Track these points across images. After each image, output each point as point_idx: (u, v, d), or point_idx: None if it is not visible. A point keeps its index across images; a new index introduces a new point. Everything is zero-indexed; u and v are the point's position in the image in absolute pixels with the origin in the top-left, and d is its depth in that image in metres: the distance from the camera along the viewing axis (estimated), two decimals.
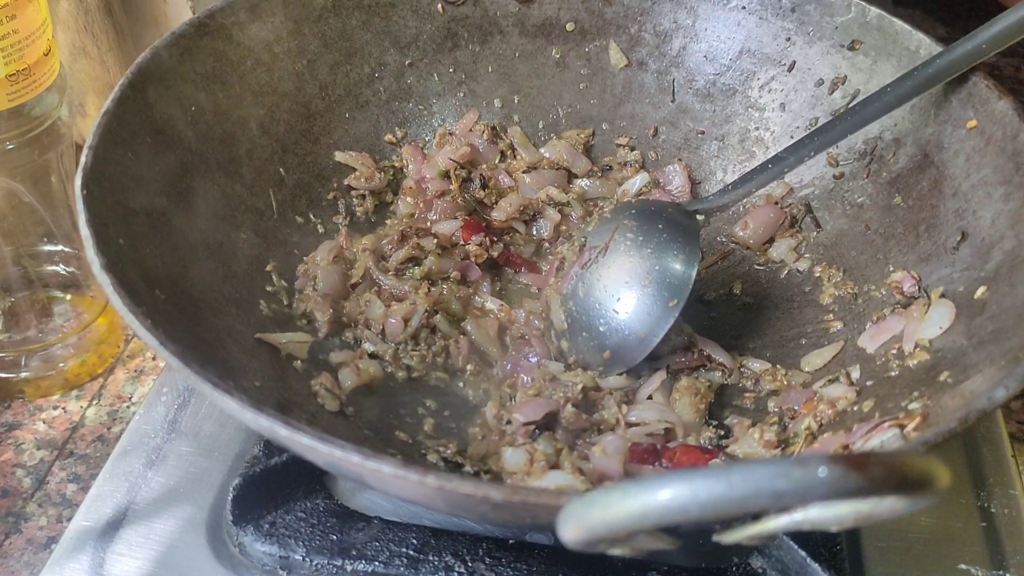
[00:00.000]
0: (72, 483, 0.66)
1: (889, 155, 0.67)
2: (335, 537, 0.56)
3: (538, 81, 0.77)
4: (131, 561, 0.56)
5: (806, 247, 0.71)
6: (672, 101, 0.76)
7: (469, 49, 0.76)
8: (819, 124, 0.71)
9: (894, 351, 0.60)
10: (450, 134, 0.75)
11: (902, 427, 0.51)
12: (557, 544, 0.55)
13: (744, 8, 0.73)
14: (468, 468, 0.57)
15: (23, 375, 0.71)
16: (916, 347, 0.58)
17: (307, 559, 0.55)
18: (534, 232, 0.74)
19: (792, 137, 0.72)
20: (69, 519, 0.59)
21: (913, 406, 0.53)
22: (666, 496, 0.33)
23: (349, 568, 0.55)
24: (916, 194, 0.65)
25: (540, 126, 0.78)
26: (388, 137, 0.75)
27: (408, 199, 0.73)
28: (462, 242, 0.70)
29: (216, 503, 0.59)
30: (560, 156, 0.75)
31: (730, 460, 0.57)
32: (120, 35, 0.82)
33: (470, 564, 0.55)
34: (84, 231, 0.50)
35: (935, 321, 0.58)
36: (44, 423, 0.69)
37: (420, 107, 0.76)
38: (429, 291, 0.66)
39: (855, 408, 0.58)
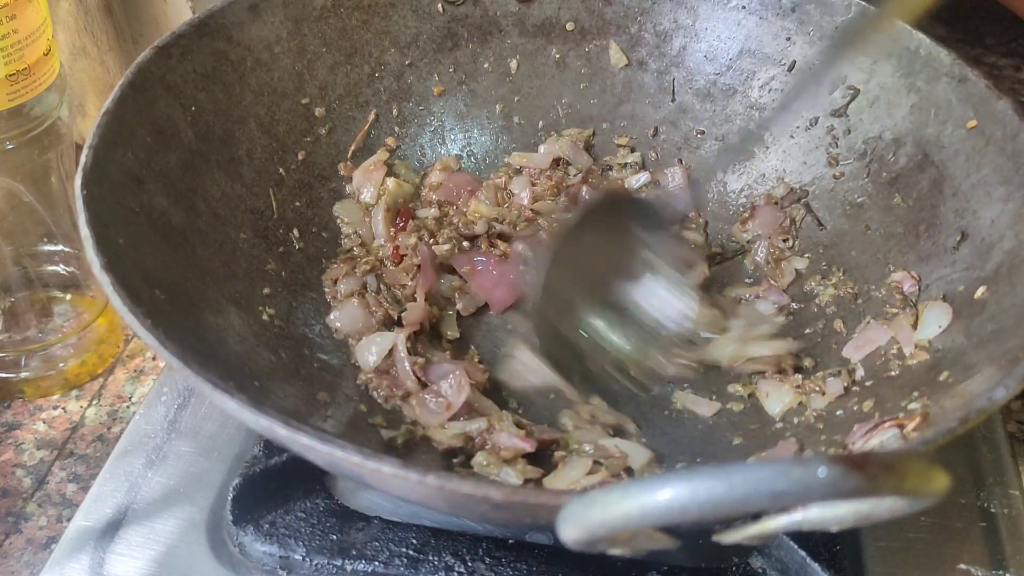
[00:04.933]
0: (72, 483, 0.66)
1: (889, 155, 0.67)
2: (335, 537, 0.56)
3: (538, 81, 0.77)
4: (131, 561, 0.56)
5: (806, 247, 0.71)
6: (672, 101, 0.76)
7: (469, 49, 0.76)
8: (818, 123, 0.71)
9: (894, 351, 0.60)
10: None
11: (902, 427, 0.51)
12: (557, 544, 0.55)
13: (744, 8, 0.73)
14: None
15: (23, 375, 0.71)
16: (915, 348, 0.58)
17: (307, 559, 0.55)
18: None
19: (792, 137, 0.72)
20: (69, 519, 0.59)
21: (913, 406, 0.53)
22: (666, 496, 0.33)
23: (349, 568, 0.55)
24: (916, 194, 0.65)
25: (540, 126, 0.78)
26: (389, 140, 0.75)
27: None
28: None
29: (216, 503, 0.59)
30: (561, 151, 0.75)
31: None
32: (120, 35, 0.82)
33: (470, 564, 0.55)
34: (84, 231, 0.50)
35: (934, 320, 0.58)
36: (44, 423, 0.69)
37: (420, 107, 0.76)
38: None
39: (855, 408, 0.58)
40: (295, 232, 0.68)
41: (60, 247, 0.74)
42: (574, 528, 0.36)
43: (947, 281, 0.60)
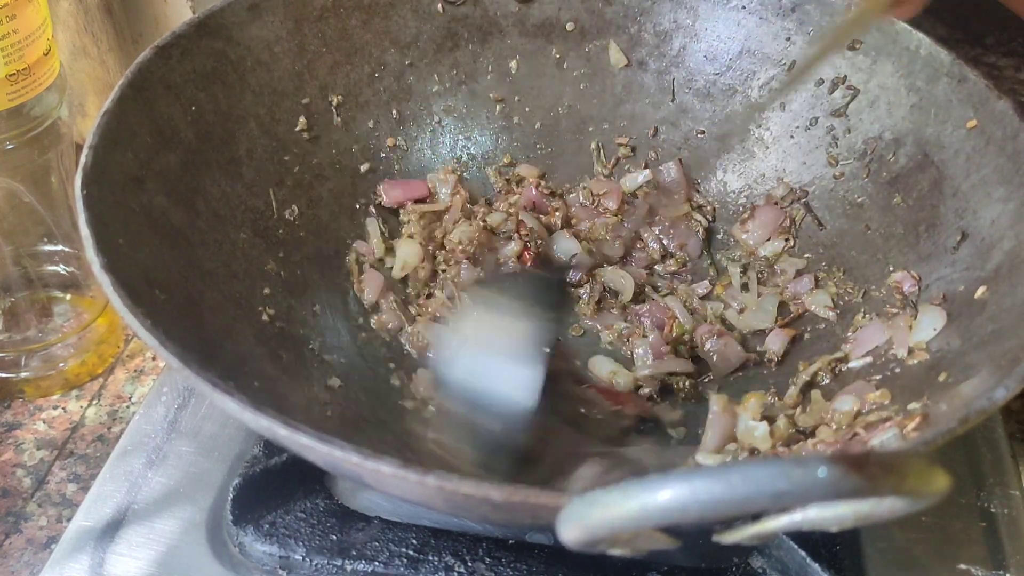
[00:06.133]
0: (72, 483, 0.66)
1: (889, 155, 0.67)
2: (335, 537, 0.56)
3: (538, 81, 0.77)
4: (131, 561, 0.56)
5: (806, 247, 0.71)
6: (672, 101, 0.76)
7: (469, 49, 0.76)
8: (818, 123, 0.71)
9: (893, 351, 0.60)
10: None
11: (902, 427, 0.51)
12: (557, 544, 0.55)
13: (744, 8, 0.73)
14: None
15: (23, 375, 0.71)
16: (912, 350, 0.58)
17: (307, 559, 0.55)
18: None
19: (792, 137, 0.72)
20: (69, 519, 0.59)
21: (913, 406, 0.53)
22: (666, 496, 0.33)
23: (349, 568, 0.55)
24: (916, 194, 0.65)
25: (538, 126, 0.78)
26: (390, 141, 0.74)
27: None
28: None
29: (216, 503, 0.59)
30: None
31: None
32: (120, 35, 0.82)
33: (470, 564, 0.55)
34: (84, 231, 0.50)
35: (928, 323, 0.58)
36: (44, 423, 0.69)
37: (420, 107, 0.76)
38: None
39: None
40: (295, 232, 0.68)
41: (60, 247, 0.74)
42: (574, 528, 0.36)
43: (947, 281, 0.60)
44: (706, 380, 0.66)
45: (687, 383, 0.65)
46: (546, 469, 0.52)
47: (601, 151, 0.77)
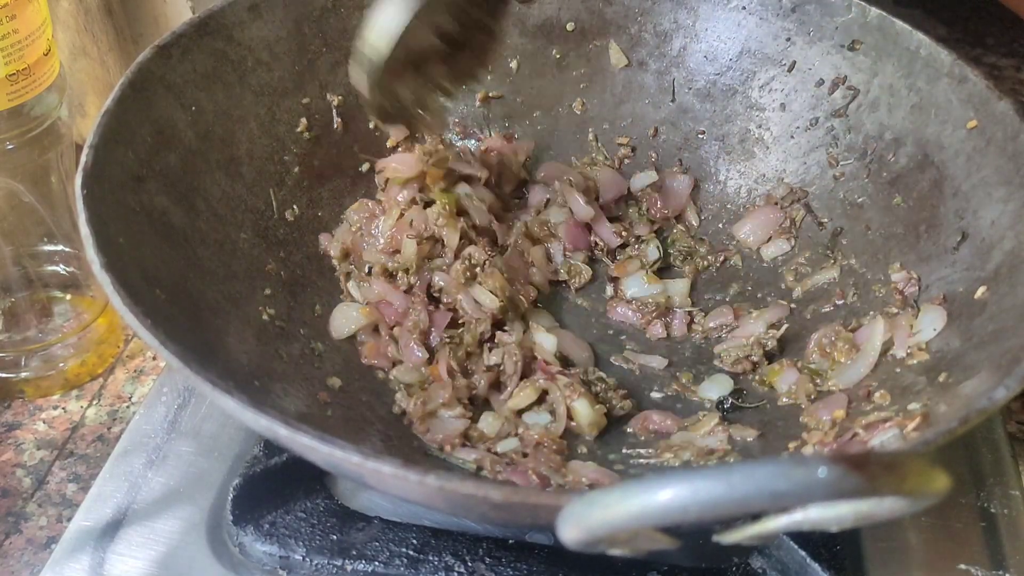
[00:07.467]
0: (72, 483, 0.66)
1: (889, 155, 0.67)
2: (335, 537, 0.56)
3: (538, 81, 0.77)
4: (131, 561, 0.56)
5: (806, 247, 0.71)
6: (672, 101, 0.76)
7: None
8: (818, 123, 0.71)
9: (893, 352, 0.60)
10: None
11: (902, 427, 0.51)
12: (557, 544, 0.55)
13: (744, 8, 0.73)
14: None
15: (23, 375, 0.71)
16: (912, 350, 0.58)
17: (307, 559, 0.55)
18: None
19: (792, 137, 0.72)
20: (69, 519, 0.59)
21: (913, 406, 0.53)
22: (666, 496, 0.33)
23: (349, 568, 0.55)
24: (916, 194, 0.65)
25: (538, 127, 0.78)
26: (390, 141, 0.74)
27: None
28: None
29: (216, 503, 0.59)
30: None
31: None
32: (120, 35, 0.82)
33: (470, 564, 0.55)
34: (84, 231, 0.50)
35: (928, 324, 0.58)
36: (44, 423, 0.69)
37: (420, 108, 0.76)
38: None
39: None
40: (295, 232, 0.68)
41: (60, 247, 0.74)
42: (574, 528, 0.36)
43: (947, 281, 0.60)
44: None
45: None
46: None
47: (599, 144, 0.77)
